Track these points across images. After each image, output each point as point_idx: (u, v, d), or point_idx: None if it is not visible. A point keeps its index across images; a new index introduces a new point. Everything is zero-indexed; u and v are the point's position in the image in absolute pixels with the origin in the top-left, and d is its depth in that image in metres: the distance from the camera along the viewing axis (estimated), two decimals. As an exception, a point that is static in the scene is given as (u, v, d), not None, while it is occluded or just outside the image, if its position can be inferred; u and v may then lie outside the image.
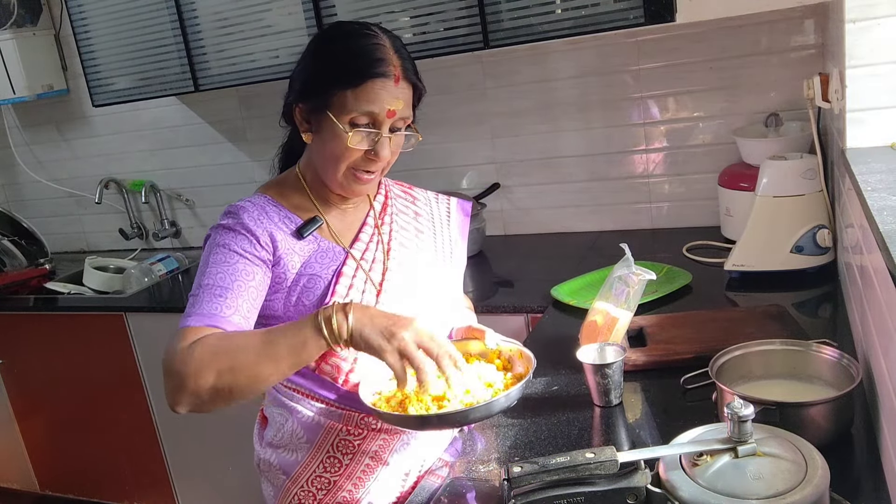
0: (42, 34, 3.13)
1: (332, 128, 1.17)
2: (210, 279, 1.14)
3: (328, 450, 1.26)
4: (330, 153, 1.19)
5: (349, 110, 1.15)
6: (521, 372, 1.21)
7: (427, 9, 2.20)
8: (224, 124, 3.02)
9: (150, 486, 2.89)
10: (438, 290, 1.35)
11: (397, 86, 1.16)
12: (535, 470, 0.90)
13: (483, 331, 1.29)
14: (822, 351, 1.21)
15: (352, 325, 1.03)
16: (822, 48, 2.13)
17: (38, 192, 3.52)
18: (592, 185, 2.53)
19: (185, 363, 1.04)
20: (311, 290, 1.22)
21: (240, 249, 1.17)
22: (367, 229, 1.31)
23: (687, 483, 0.86)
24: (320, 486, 1.27)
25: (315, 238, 1.25)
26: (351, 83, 1.15)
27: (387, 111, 1.16)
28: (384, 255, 1.30)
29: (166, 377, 1.07)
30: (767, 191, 1.81)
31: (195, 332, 1.08)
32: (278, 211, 1.25)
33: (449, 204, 1.45)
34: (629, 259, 1.43)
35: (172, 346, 1.08)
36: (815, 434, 0.99)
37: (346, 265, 1.25)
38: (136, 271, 2.87)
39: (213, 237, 1.20)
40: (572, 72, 2.44)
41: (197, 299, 1.13)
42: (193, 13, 2.53)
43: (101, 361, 2.76)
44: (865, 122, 1.38)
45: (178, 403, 1.06)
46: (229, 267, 1.15)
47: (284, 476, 1.29)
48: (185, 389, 1.04)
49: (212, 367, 1.03)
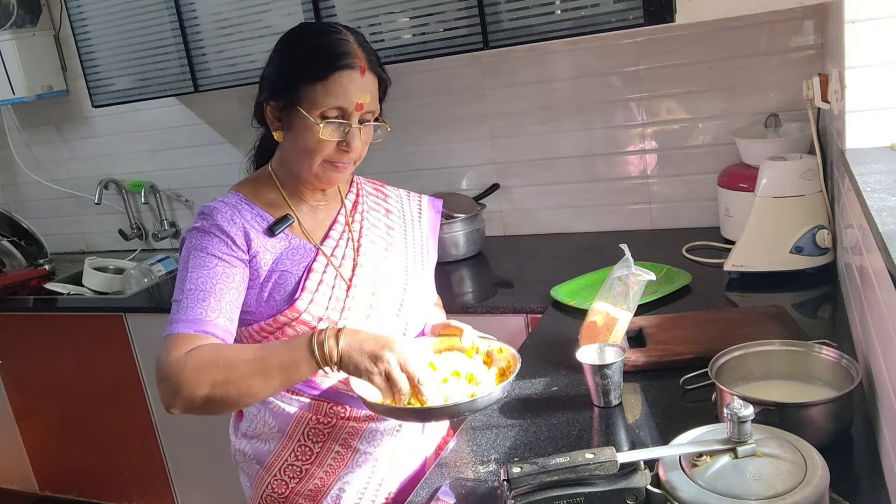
0: (42, 35, 3.13)
1: (303, 122, 1.20)
2: (192, 284, 1.17)
3: (299, 438, 1.31)
4: (303, 147, 1.22)
5: (319, 104, 1.19)
6: (503, 366, 1.27)
7: (427, 9, 2.20)
8: (224, 125, 3.02)
9: (150, 487, 2.89)
10: (409, 286, 1.37)
11: (363, 77, 1.21)
12: (534, 470, 0.90)
13: (460, 328, 1.32)
14: (822, 351, 1.21)
15: (342, 349, 1.09)
16: (821, 49, 2.13)
17: (37, 192, 3.52)
18: (592, 186, 2.54)
19: (179, 373, 1.09)
20: (282, 286, 1.25)
21: (217, 252, 1.20)
22: (337, 227, 1.34)
23: (686, 484, 0.86)
24: (292, 475, 1.31)
25: (286, 235, 1.28)
26: (319, 76, 1.18)
27: (355, 104, 1.20)
28: (354, 251, 1.33)
29: (160, 383, 1.12)
30: (767, 191, 1.81)
31: (186, 340, 1.13)
32: (251, 209, 1.27)
33: (420, 201, 1.48)
34: (629, 260, 1.43)
35: (165, 355, 1.12)
36: (815, 435, 0.99)
37: (317, 261, 1.28)
38: (135, 272, 2.87)
39: (189, 240, 1.23)
40: (572, 72, 2.44)
41: (181, 305, 1.16)
42: (193, 14, 2.53)
43: (101, 362, 2.75)
44: (865, 123, 1.38)
45: (173, 406, 1.12)
46: (209, 271, 1.18)
47: (258, 465, 1.34)
48: (179, 396, 1.10)
49: (205, 378, 1.09)
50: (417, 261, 1.41)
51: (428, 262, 1.44)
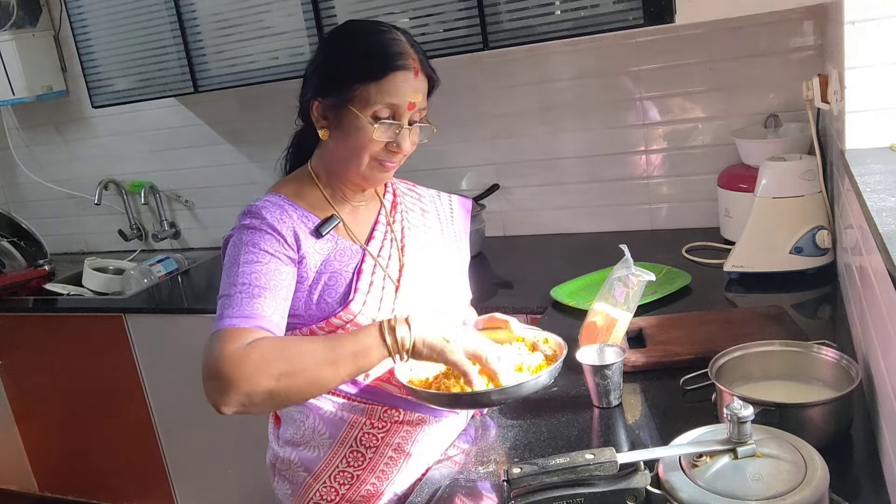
0: (41, 35, 3.13)
1: (354, 121, 1.19)
2: (245, 279, 1.13)
3: (351, 444, 1.27)
4: (353, 146, 1.20)
5: (372, 103, 1.17)
6: (549, 355, 1.28)
7: (427, 10, 2.20)
8: (223, 125, 3.02)
9: (150, 488, 2.89)
10: (452, 284, 1.38)
11: (416, 78, 1.20)
12: (534, 471, 0.89)
13: (506, 320, 1.33)
14: (822, 352, 1.21)
15: (414, 335, 1.10)
16: (821, 49, 2.13)
17: (37, 193, 3.52)
18: (592, 187, 2.54)
19: (237, 366, 1.03)
20: (333, 288, 1.23)
21: (270, 249, 1.17)
22: (380, 227, 1.33)
23: (686, 484, 0.86)
24: (343, 481, 1.28)
25: (333, 236, 1.26)
26: (374, 76, 1.17)
27: (408, 103, 1.19)
28: (398, 251, 1.32)
29: (210, 380, 1.05)
30: (767, 192, 1.81)
31: (243, 334, 1.07)
32: (295, 210, 1.25)
33: (451, 201, 1.48)
34: (628, 260, 1.43)
35: (219, 348, 1.06)
36: (815, 435, 0.99)
37: (365, 262, 1.26)
38: (135, 272, 2.87)
39: (237, 236, 1.19)
40: (572, 73, 2.45)
41: (233, 300, 1.11)
42: (193, 14, 2.53)
43: (101, 363, 2.75)
44: (864, 124, 1.38)
45: (226, 405, 1.04)
46: (262, 266, 1.15)
47: (305, 473, 1.29)
48: (236, 391, 1.03)
49: (269, 371, 1.04)
50: (454, 260, 1.41)
51: (463, 262, 1.44)
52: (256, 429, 2.48)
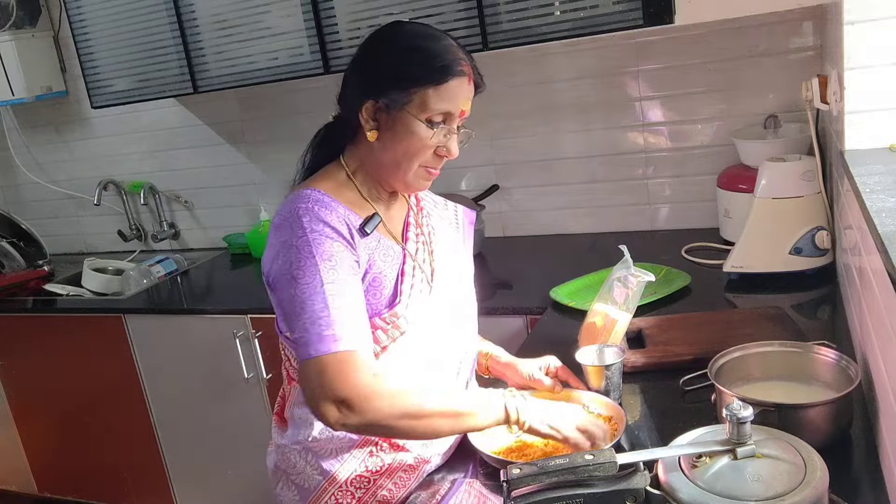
0: (41, 36, 3.13)
1: (409, 125, 1.17)
2: (338, 301, 1.11)
3: (371, 449, 1.25)
4: (405, 150, 1.19)
5: (428, 108, 1.17)
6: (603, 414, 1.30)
7: (426, 10, 2.20)
8: (223, 126, 3.02)
9: (149, 489, 2.89)
10: (470, 290, 1.39)
11: (469, 84, 1.20)
12: (534, 472, 0.89)
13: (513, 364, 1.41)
14: (821, 352, 1.21)
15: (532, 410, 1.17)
16: (820, 50, 2.13)
17: (36, 193, 3.52)
18: (591, 187, 2.54)
19: (369, 399, 1.07)
20: (377, 288, 1.21)
21: (346, 261, 1.15)
22: (411, 228, 1.32)
23: (686, 485, 0.86)
24: (359, 486, 1.25)
25: (376, 235, 1.24)
26: (434, 81, 1.16)
27: (460, 111, 1.20)
28: (429, 254, 1.32)
29: (334, 402, 1.07)
30: (766, 192, 1.81)
31: (363, 361, 1.10)
32: (338, 207, 1.21)
33: (456, 211, 1.46)
34: (628, 261, 1.43)
35: (345, 373, 1.07)
36: (814, 436, 0.99)
37: (406, 263, 1.26)
38: (134, 273, 2.87)
39: (304, 244, 1.14)
40: (571, 73, 2.45)
41: (332, 321, 1.09)
42: (192, 15, 2.53)
43: (100, 363, 2.75)
44: (864, 124, 1.38)
45: (345, 427, 1.09)
46: (346, 286, 1.13)
47: (320, 477, 1.25)
48: (361, 420, 1.07)
49: (396, 409, 1.09)
50: (466, 267, 1.40)
51: (472, 271, 1.43)
52: (255, 430, 2.49)
